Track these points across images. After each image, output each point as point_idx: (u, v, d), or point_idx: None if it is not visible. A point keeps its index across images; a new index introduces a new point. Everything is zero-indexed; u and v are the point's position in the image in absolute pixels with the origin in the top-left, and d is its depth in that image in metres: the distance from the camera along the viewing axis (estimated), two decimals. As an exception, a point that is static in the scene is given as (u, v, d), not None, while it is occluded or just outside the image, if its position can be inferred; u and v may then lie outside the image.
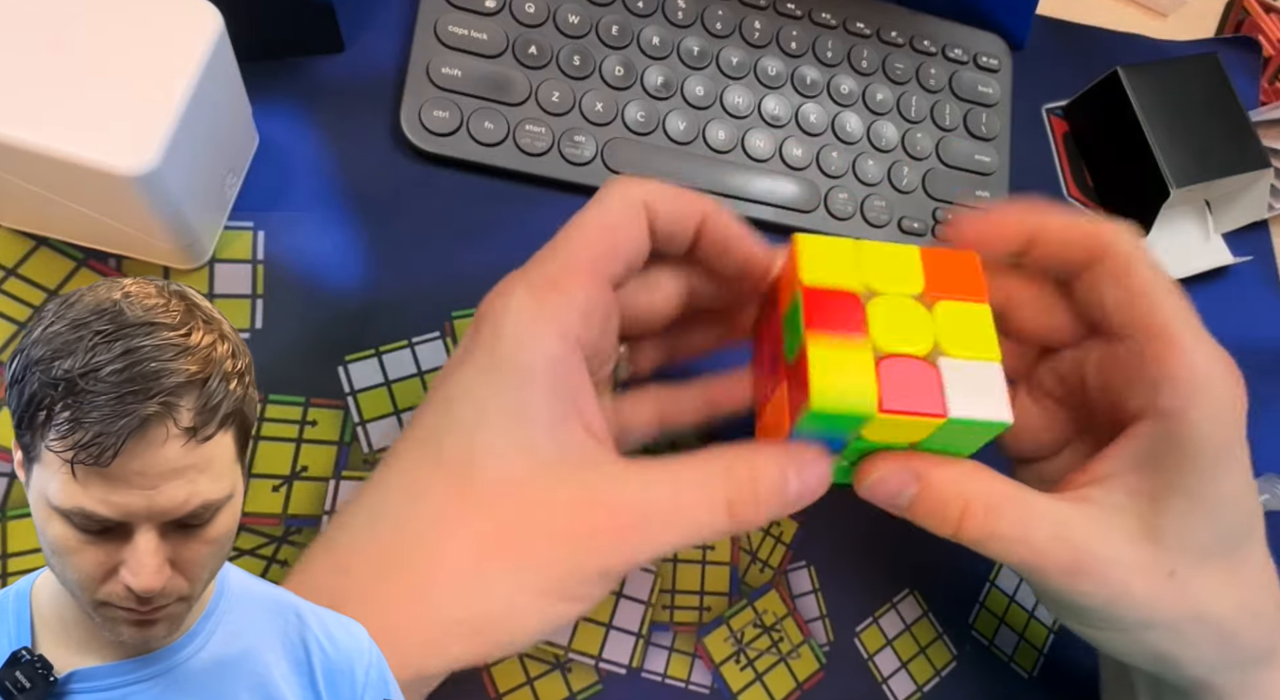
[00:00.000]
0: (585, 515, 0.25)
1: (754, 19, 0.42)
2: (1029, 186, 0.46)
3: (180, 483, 0.16)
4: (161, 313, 0.16)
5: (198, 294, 0.18)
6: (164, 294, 0.17)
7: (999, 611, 0.40)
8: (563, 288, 0.26)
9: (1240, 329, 0.48)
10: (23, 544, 0.29)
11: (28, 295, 0.31)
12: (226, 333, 0.17)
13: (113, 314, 0.16)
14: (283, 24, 0.35)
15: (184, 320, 0.17)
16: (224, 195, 0.33)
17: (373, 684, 0.20)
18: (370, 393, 0.34)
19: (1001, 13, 0.46)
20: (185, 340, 0.16)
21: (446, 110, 0.36)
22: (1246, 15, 0.54)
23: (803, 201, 0.41)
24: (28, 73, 0.25)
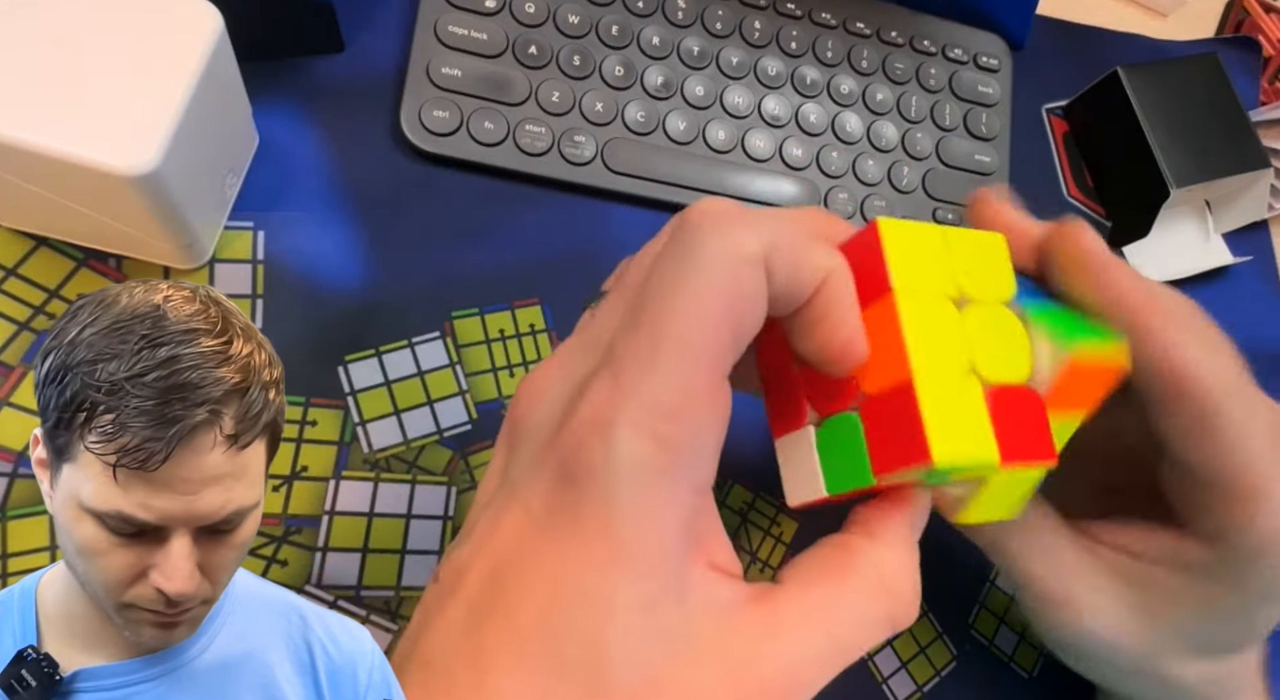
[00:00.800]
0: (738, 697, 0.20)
1: (754, 19, 0.42)
2: (1029, 186, 0.46)
3: (218, 490, 0.16)
4: (201, 319, 0.17)
5: (228, 299, 0.18)
6: (201, 300, 0.17)
7: (999, 611, 0.40)
8: (686, 418, 0.19)
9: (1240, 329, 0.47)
10: (23, 544, 0.29)
11: (28, 295, 0.31)
12: (262, 341, 0.18)
13: (155, 318, 0.16)
14: (283, 24, 0.35)
15: (224, 328, 0.17)
16: (224, 195, 0.33)
17: (375, 685, 0.20)
18: (370, 393, 0.34)
19: (1001, 13, 0.46)
20: (227, 349, 0.17)
21: (446, 110, 0.36)
22: (1246, 15, 0.54)
23: (803, 202, 0.41)
24: (28, 73, 0.25)
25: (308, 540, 0.32)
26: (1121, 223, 0.47)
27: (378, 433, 0.34)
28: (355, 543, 0.32)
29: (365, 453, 0.33)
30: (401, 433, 0.34)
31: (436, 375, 0.35)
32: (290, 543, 0.32)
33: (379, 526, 0.33)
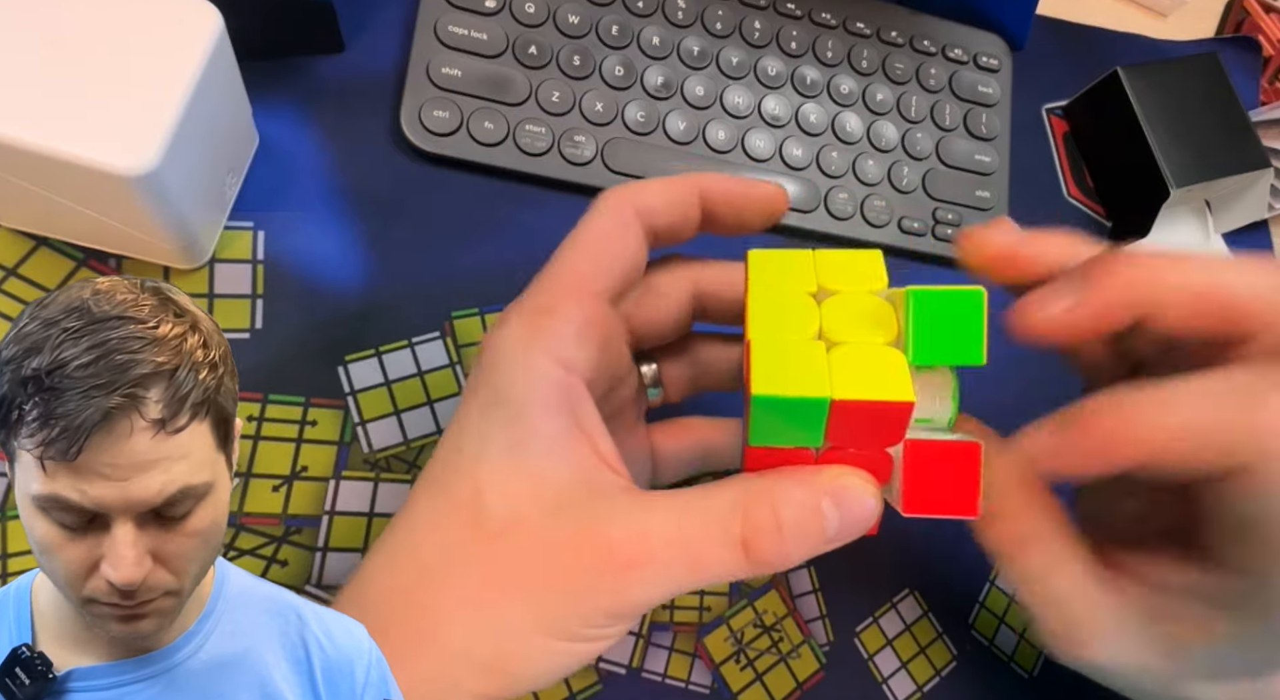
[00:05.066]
0: (585, 553, 0.23)
1: (754, 19, 0.42)
2: (1029, 186, 0.46)
3: (154, 474, 0.16)
4: (131, 307, 0.17)
5: (176, 290, 0.18)
6: (135, 290, 0.17)
7: (999, 611, 0.40)
8: (554, 311, 0.26)
9: (1240, 329, 0.47)
10: (22, 544, 0.29)
11: (28, 295, 0.31)
12: (201, 325, 0.17)
13: (81, 311, 0.16)
14: (283, 24, 0.35)
15: (153, 313, 0.17)
16: (224, 195, 0.33)
17: (373, 683, 0.20)
18: (370, 393, 0.34)
19: (1001, 13, 0.46)
20: (153, 332, 0.16)
21: (446, 110, 0.36)
22: (1246, 15, 0.54)
23: (803, 201, 0.41)
24: (27, 73, 0.25)
25: (308, 540, 0.32)
26: (1121, 223, 0.47)
27: (378, 433, 0.34)
28: (355, 543, 0.32)
29: (365, 453, 0.33)
30: (401, 433, 0.34)
31: (436, 375, 0.35)
32: (290, 543, 0.32)
33: (379, 526, 0.33)
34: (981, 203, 0.44)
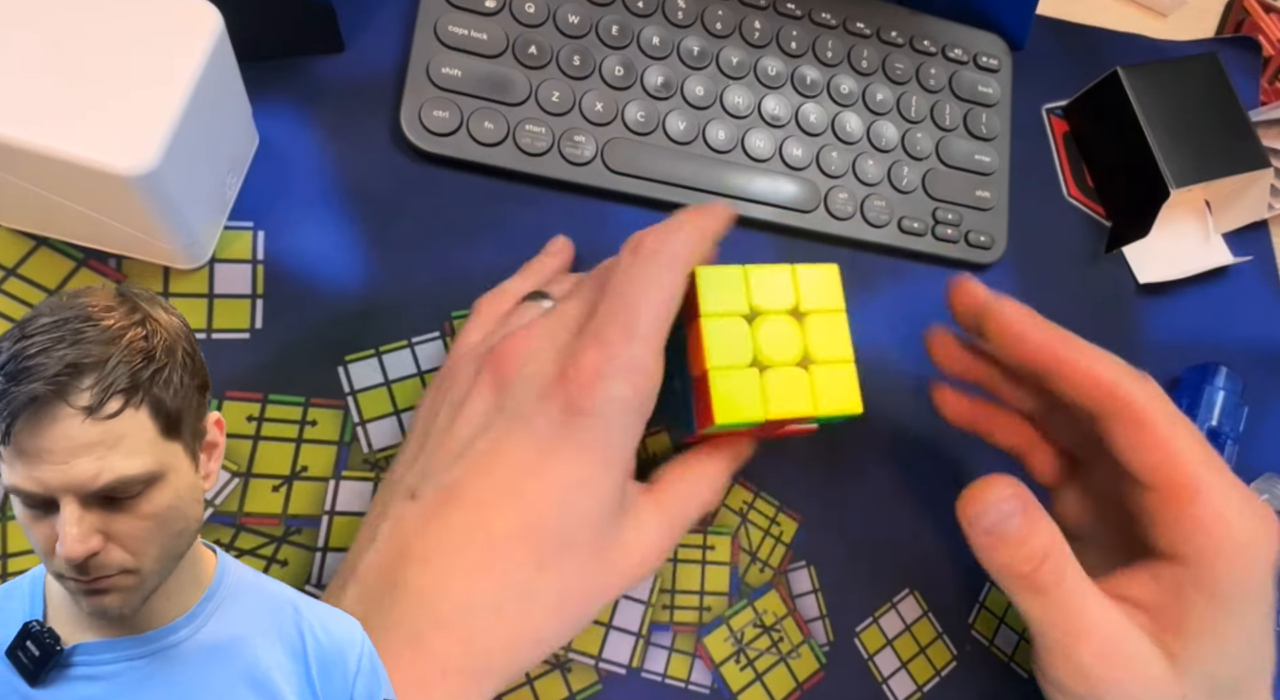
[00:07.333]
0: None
1: (754, 19, 0.42)
2: (1029, 186, 0.46)
3: (89, 459, 0.17)
4: (89, 308, 0.18)
5: (155, 297, 0.19)
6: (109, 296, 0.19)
7: (999, 611, 0.40)
8: (653, 375, 0.28)
9: (1240, 329, 0.48)
10: (23, 544, 0.29)
11: (28, 295, 0.31)
12: (156, 323, 0.19)
13: (36, 313, 0.18)
14: (283, 24, 0.35)
15: (106, 312, 0.18)
16: (224, 195, 0.33)
17: (364, 672, 0.21)
18: (370, 393, 0.34)
19: (1001, 13, 0.46)
20: (95, 327, 0.18)
21: (446, 110, 0.36)
22: (1246, 15, 0.54)
23: (803, 201, 0.41)
24: (27, 73, 0.25)
25: (308, 540, 0.32)
26: (1121, 223, 0.47)
27: (378, 433, 0.34)
28: (355, 543, 0.32)
29: (365, 453, 0.33)
30: (402, 433, 0.34)
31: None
32: (290, 543, 0.32)
33: (379, 526, 0.33)
34: (981, 203, 0.44)
